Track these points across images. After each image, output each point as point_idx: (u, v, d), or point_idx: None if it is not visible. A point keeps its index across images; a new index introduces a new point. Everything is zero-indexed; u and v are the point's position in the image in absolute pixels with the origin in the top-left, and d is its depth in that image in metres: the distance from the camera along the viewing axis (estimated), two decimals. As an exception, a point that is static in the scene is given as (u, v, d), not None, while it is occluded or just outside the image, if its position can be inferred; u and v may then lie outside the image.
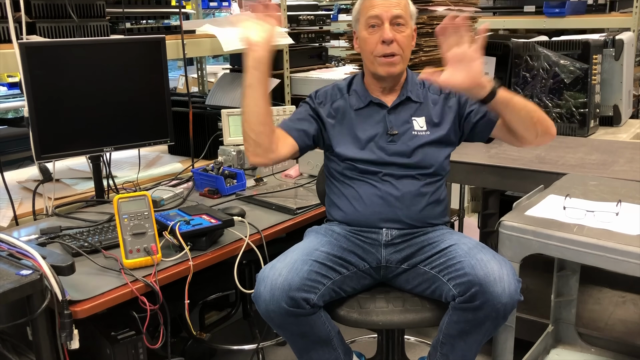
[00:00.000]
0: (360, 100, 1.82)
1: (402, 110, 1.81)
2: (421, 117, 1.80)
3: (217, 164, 2.21)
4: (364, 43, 1.76)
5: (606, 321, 2.27)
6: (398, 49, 1.73)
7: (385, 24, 1.71)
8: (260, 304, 1.54)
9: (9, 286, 1.24)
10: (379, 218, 1.75)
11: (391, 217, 1.75)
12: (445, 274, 1.59)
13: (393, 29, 1.72)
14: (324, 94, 1.86)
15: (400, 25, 1.73)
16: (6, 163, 2.44)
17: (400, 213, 1.74)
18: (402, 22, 1.73)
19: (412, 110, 1.81)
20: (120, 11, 2.36)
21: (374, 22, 1.73)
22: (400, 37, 1.73)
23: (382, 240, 1.75)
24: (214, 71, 4.51)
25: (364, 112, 1.81)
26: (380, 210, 1.75)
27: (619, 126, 2.93)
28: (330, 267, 1.64)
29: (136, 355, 1.61)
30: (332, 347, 1.64)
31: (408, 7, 1.77)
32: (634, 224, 1.52)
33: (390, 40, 1.71)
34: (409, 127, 1.79)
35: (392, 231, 1.75)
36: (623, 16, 3.77)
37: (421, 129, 1.79)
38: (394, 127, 1.78)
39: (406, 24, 1.74)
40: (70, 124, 1.99)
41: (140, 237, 1.59)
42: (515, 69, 2.84)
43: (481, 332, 1.56)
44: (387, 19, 1.71)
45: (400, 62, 1.75)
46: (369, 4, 1.74)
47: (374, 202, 1.75)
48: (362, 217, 1.76)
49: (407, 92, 1.81)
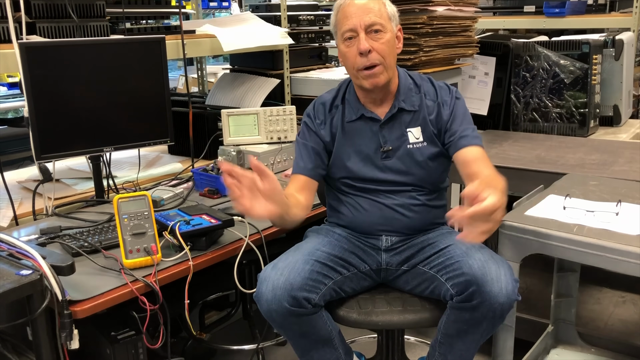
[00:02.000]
0: (353, 112, 1.76)
1: (396, 122, 1.74)
2: (416, 128, 1.74)
3: (217, 164, 2.21)
4: (344, 57, 1.70)
5: (606, 321, 2.27)
6: (378, 58, 1.64)
7: (361, 35, 1.63)
8: (262, 304, 1.54)
9: (9, 286, 1.24)
10: (377, 228, 1.76)
11: (390, 228, 1.75)
12: (444, 274, 1.59)
13: (370, 37, 1.64)
14: (322, 109, 1.80)
15: (378, 32, 1.65)
16: (6, 163, 2.44)
17: (399, 224, 1.75)
18: (379, 28, 1.65)
19: (406, 121, 1.74)
20: (120, 11, 2.36)
21: (350, 34, 1.66)
22: (378, 45, 1.64)
23: (382, 246, 1.76)
24: (214, 71, 4.50)
25: (356, 125, 1.76)
26: (379, 221, 1.75)
27: (619, 126, 2.93)
28: (332, 267, 1.64)
29: (136, 355, 1.61)
30: (333, 347, 1.64)
31: (384, 10, 1.68)
32: (634, 224, 1.52)
33: (367, 50, 1.62)
34: (404, 141, 1.73)
35: (391, 238, 1.76)
36: (623, 16, 3.77)
37: (417, 140, 1.74)
38: (388, 142, 1.73)
39: (384, 30, 1.65)
40: (70, 124, 1.99)
41: (140, 237, 1.59)
42: (515, 69, 2.84)
43: (479, 332, 1.56)
44: (362, 28, 1.64)
45: (383, 71, 1.66)
46: (343, 15, 1.68)
47: (372, 213, 1.75)
48: (361, 225, 1.77)
49: (398, 102, 1.73)
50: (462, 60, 2.87)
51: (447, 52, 2.66)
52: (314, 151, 1.78)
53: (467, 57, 2.85)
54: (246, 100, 2.74)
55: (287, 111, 2.49)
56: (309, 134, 1.80)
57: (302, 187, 1.76)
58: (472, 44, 2.83)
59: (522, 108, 2.84)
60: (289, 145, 2.48)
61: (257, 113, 2.48)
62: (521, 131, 2.84)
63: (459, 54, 2.76)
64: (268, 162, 2.41)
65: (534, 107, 2.81)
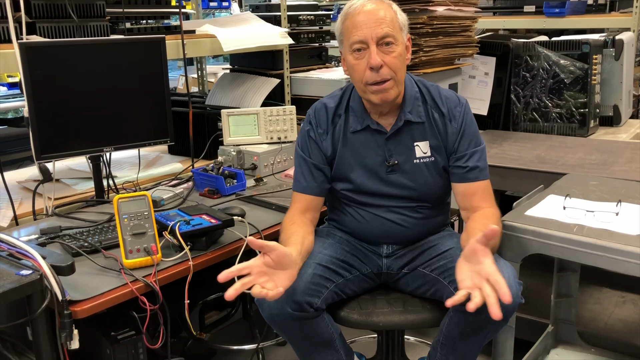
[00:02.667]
0: (358, 122, 1.68)
1: (403, 135, 1.66)
2: (424, 142, 1.66)
3: (217, 164, 2.21)
4: (352, 70, 1.60)
5: (606, 321, 2.27)
6: (389, 73, 1.55)
7: (372, 47, 1.53)
8: (264, 309, 1.54)
9: (9, 286, 1.24)
10: (379, 240, 1.75)
11: (391, 240, 1.74)
12: (446, 276, 1.59)
13: (381, 50, 1.54)
14: (325, 117, 1.71)
15: (390, 44, 1.55)
16: (6, 163, 2.44)
17: (401, 237, 1.73)
18: (391, 40, 1.55)
19: (413, 133, 1.66)
20: (120, 11, 2.36)
21: (359, 46, 1.55)
22: (390, 59, 1.54)
23: (383, 253, 1.76)
24: (214, 71, 4.50)
25: (361, 135, 1.68)
26: (380, 234, 1.73)
27: (619, 126, 2.93)
28: (334, 270, 1.63)
29: (136, 355, 1.61)
30: (335, 349, 1.64)
31: (396, 20, 1.58)
32: (634, 224, 1.52)
33: (378, 65, 1.53)
34: (410, 155, 1.66)
35: (392, 246, 1.75)
36: (623, 16, 3.77)
37: (424, 154, 1.66)
38: (394, 155, 1.67)
39: (396, 42, 1.56)
40: (70, 124, 1.98)
41: (140, 237, 1.59)
42: (515, 69, 2.84)
43: (482, 334, 1.56)
44: (374, 41, 1.53)
45: (393, 86, 1.57)
46: (351, 24, 1.56)
47: (374, 225, 1.72)
48: (362, 234, 1.76)
49: (405, 114, 1.65)
50: (462, 60, 2.87)
51: (447, 52, 2.66)
52: (316, 167, 1.71)
53: (467, 57, 2.85)
54: (246, 100, 2.74)
55: (287, 111, 2.49)
56: (310, 146, 1.72)
57: (307, 207, 1.72)
58: (472, 44, 2.83)
59: (522, 108, 2.84)
60: (289, 145, 2.48)
61: (257, 113, 2.48)
62: (521, 131, 2.85)
63: (459, 54, 2.76)
64: (268, 162, 2.41)
65: (534, 107, 2.81)
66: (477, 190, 1.65)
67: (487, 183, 1.68)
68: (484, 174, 1.67)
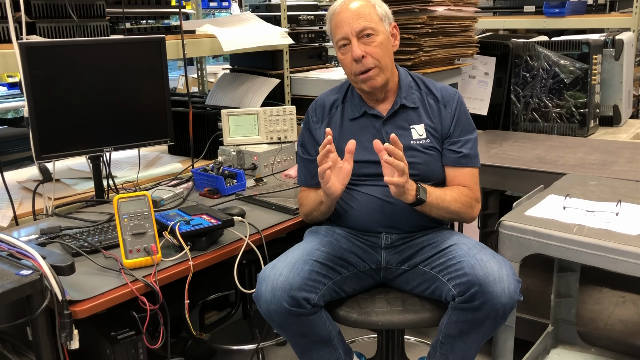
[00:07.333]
0: (355, 110, 1.80)
1: (399, 118, 1.78)
2: (420, 125, 1.77)
3: (217, 164, 2.21)
4: (342, 64, 1.75)
5: (606, 321, 2.27)
6: (373, 62, 1.69)
7: (353, 41, 1.68)
8: (261, 304, 1.55)
9: (9, 286, 1.24)
10: (378, 224, 1.75)
11: (390, 224, 1.75)
12: (445, 274, 1.59)
13: (362, 42, 1.68)
14: (322, 108, 1.84)
15: (370, 35, 1.68)
16: (6, 163, 2.45)
17: (399, 221, 1.74)
18: (370, 32, 1.68)
19: (409, 118, 1.78)
20: (120, 11, 2.36)
21: (343, 42, 1.71)
22: (371, 49, 1.68)
23: (382, 244, 1.75)
24: (214, 71, 4.51)
25: (359, 122, 1.79)
26: (379, 218, 1.74)
27: (619, 126, 2.93)
28: (331, 267, 1.64)
29: (136, 355, 1.61)
30: (333, 347, 1.64)
31: (374, 12, 1.71)
32: (634, 224, 1.52)
33: (360, 57, 1.67)
34: (407, 137, 1.75)
35: (391, 235, 1.75)
36: (623, 16, 3.77)
37: (420, 137, 1.76)
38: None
39: (375, 32, 1.69)
40: (70, 124, 1.99)
41: (140, 237, 1.59)
42: (515, 69, 2.84)
43: (481, 332, 1.56)
44: (353, 35, 1.68)
45: (379, 73, 1.70)
46: (335, 24, 1.72)
47: (373, 209, 1.74)
48: (361, 222, 1.77)
49: (400, 99, 1.77)
50: (462, 60, 2.87)
51: (447, 52, 2.66)
52: (309, 161, 1.83)
53: (467, 57, 2.85)
54: (246, 100, 2.75)
55: (287, 111, 2.49)
56: (305, 139, 1.85)
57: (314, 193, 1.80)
58: (472, 44, 2.83)
59: (522, 108, 2.84)
60: (289, 145, 2.48)
61: (257, 113, 2.48)
62: (521, 131, 2.85)
63: (459, 54, 2.76)
64: (268, 162, 2.41)
65: (534, 107, 2.81)
66: (466, 176, 1.77)
67: (476, 170, 1.80)
68: (474, 161, 1.79)
